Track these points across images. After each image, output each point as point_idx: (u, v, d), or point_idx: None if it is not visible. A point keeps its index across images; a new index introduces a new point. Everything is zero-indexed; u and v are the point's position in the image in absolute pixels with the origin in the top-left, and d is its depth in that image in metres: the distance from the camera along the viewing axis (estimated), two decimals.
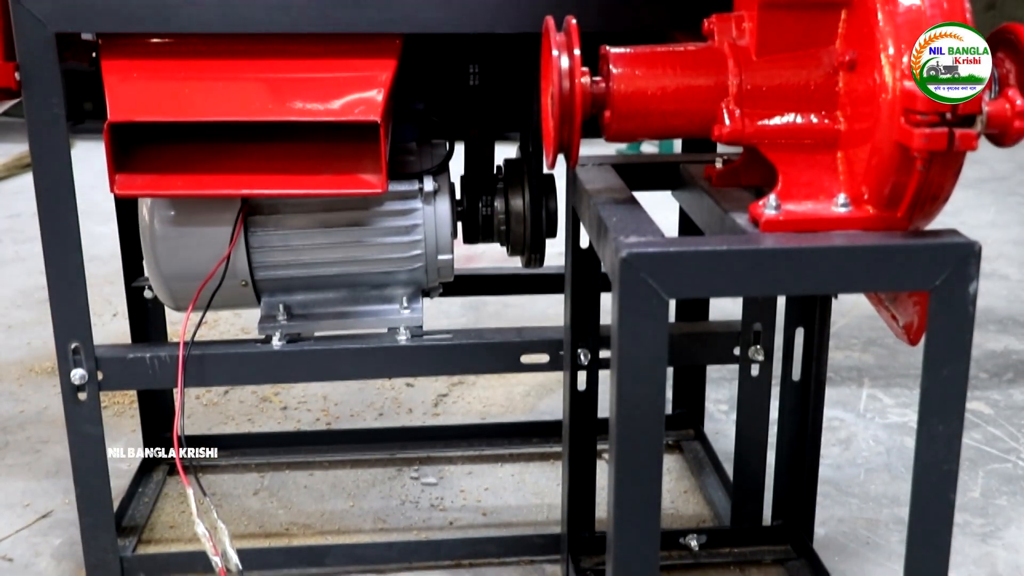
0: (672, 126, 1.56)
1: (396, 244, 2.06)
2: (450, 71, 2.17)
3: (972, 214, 5.05)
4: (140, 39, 1.87)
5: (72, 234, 1.89)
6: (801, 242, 1.40)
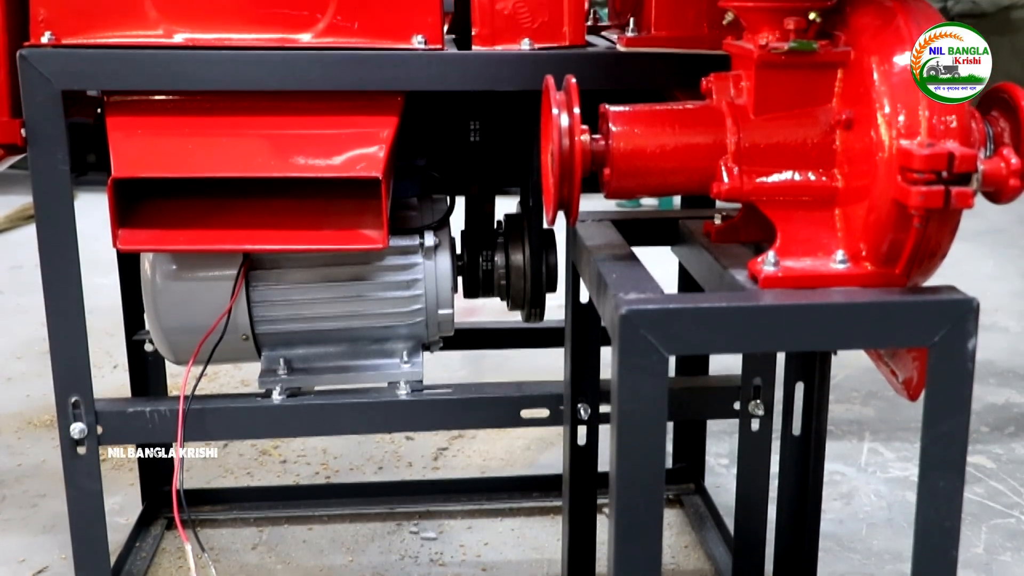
0: (671, 183, 1.57)
1: (397, 299, 2.07)
2: (451, 127, 2.20)
3: (971, 266, 5.06)
4: (145, 96, 1.89)
5: (74, 289, 1.90)
6: (800, 299, 1.41)
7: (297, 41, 1.84)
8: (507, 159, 2.22)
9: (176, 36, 1.82)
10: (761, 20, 1.52)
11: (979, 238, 5.49)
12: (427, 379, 2.09)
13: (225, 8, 1.84)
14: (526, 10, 1.89)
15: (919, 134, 1.37)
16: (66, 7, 1.80)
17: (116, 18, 1.82)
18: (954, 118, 1.38)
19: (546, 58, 1.86)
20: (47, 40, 1.80)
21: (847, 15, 1.51)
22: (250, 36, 1.84)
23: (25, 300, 4.64)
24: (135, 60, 1.81)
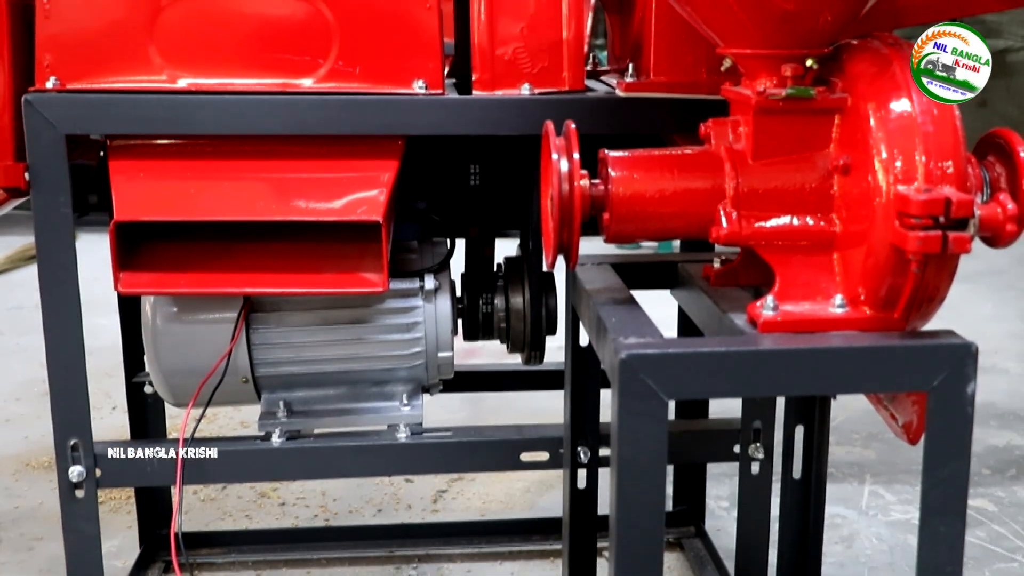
0: (670, 228, 1.58)
1: (397, 341, 2.07)
2: (451, 171, 2.21)
3: (970, 308, 5.06)
4: (147, 140, 1.90)
5: (75, 332, 1.90)
6: (799, 343, 1.41)
7: (299, 86, 1.86)
8: (507, 202, 2.24)
9: (180, 81, 1.84)
10: (759, 67, 1.54)
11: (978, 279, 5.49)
12: (427, 421, 2.09)
13: (228, 53, 1.86)
14: (526, 56, 1.92)
15: (916, 179, 1.38)
16: (72, 53, 1.83)
17: (121, 63, 1.84)
18: (951, 163, 1.39)
19: (546, 103, 1.88)
20: (52, 85, 1.81)
21: (843, 62, 1.52)
22: (253, 81, 1.86)
23: (25, 341, 4.64)
24: (139, 105, 1.82)
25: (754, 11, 1.48)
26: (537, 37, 1.91)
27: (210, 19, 1.86)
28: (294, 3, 1.87)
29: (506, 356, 2.48)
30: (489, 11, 1.90)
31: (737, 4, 1.48)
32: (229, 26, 1.86)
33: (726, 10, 1.51)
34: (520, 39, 1.91)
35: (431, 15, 1.88)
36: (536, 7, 1.92)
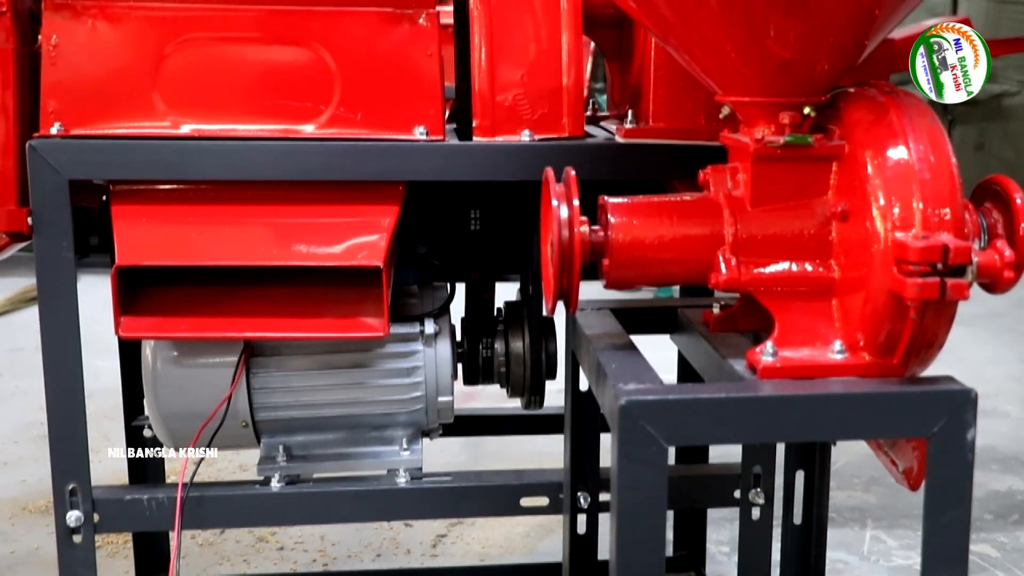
0: (670, 274, 1.59)
1: (397, 386, 2.07)
2: (452, 216, 2.22)
3: (969, 351, 5.06)
4: (149, 185, 1.91)
5: (75, 377, 1.90)
6: (798, 389, 1.42)
7: (301, 132, 1.88)
8: (507, 247, 2.25)
9: (183, 127, 1.86)
10: (757, 114, 1.56)
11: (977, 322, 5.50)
12: (426, 465, 2.09)
13: (231, 99, 1.88)
14: (526, 102, 1.93)
15: (914, 226, 1.39)
16: (76, 99, 1.84)
17: (125, 109, 1.85)
18: (948, 210, 1.40)
19: (546, 149, 1.89)
20: (56, 131, 1.83)
21: (841, 109, 1.54)
22: (255, 127, 1.87)
23: (24, 383, 4.64)
24: (142, 150, 1.84)
25: (752, 60, 1.50)
26: (537, 84, 1.93)
27: (213, 66, 1.88)
28: (296, 50, 1.89)
29: (506, 399, 2.48)
30: (490, 58, 1.92)
31: (735, 53, 1.50)
32: (232, 73, 1.88)
33: (724, 59, 1.52)
34: (520, 86, 1.93)
35: (432, 62, 1.90)
36: (536, 54, 1.93)
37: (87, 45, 1.85)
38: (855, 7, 1.44)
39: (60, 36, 1.84)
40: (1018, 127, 6.92)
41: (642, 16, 1.60)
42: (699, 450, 2.59)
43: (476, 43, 1.92)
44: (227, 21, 1.88)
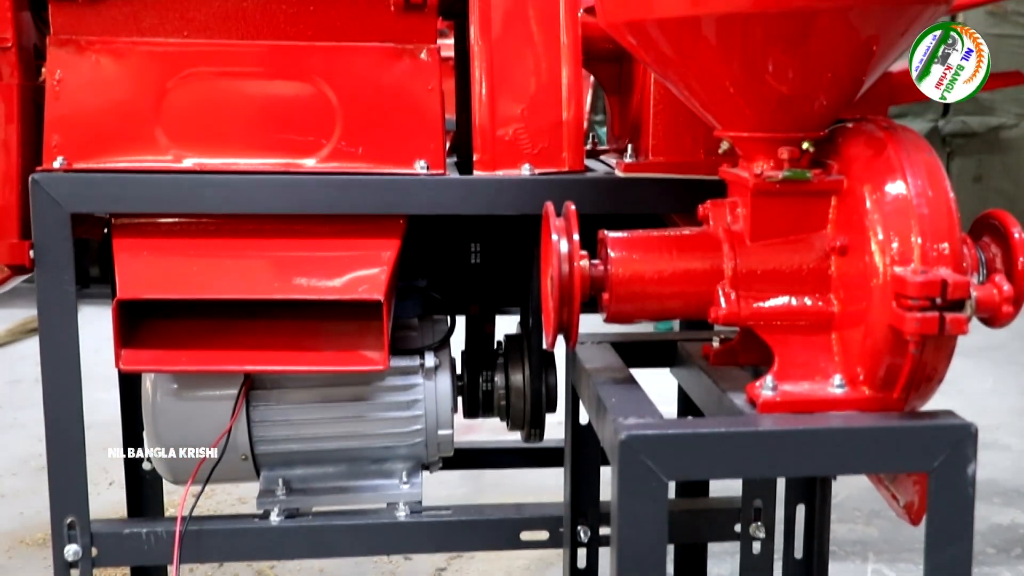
0: (669, 308, 1.59)
1: (397, 419, 2.07)
2: (452, 249, 2.23)
3: (970, 383, 5.06)
4: (151, 218, 1.92)
5: (75, 411, 1.90)
6: (798, 424, 1.42)
7: (302, 166, 1.89)
8: (507, 280, 2.25)
9: (185, 161, 1.87)
10: (756, 149, 1.57)
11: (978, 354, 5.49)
12: (426, 497, 2.08)
13: (233, 133, 1.89)
14: (526, 136, 1.94)
15: (912, 261, 1.39)
16: (79, 133, 1.85)
17: (128, 143, 1.87)
18: (946, 245, 1.40)
19: (546, 183, 1.90)
20: (59, 165, 1.84)
21: (839, 144, 1.55)
22: (257, 161, 1.89)
23: (23, 415, 4.63)
24: (145, 184, 1.85)
25: (751, 95, 1.51)
26: (537, 118, 1.94)
27: (215, 100, 1.89)
28: (298, 85, 1.90)
29: (506, 431, 2.47)
30: (490, 92, 1.93)
31: (734, 88, 1.51)
32: (234, 107, 1.90)
33: (723, 94, 1.54)
34: (521, 120, 1.94)
35: (433, 97, 1.92)
36: (536, 89, 1.95)
37: (90, 80, 1.87)
38: (853, 43, 1.45)
39: (64, 71, 1.86)
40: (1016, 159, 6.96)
41: (641, 52, 1.61)
42: (699, 484, 2.59)
43: (477, 77, 1.93)
44: (229, 56, 1.90)
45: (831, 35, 1.43)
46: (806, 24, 1.41)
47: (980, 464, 1.41)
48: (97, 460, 3.81)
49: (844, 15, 1.41)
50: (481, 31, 1.93)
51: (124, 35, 1.89)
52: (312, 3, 1.91)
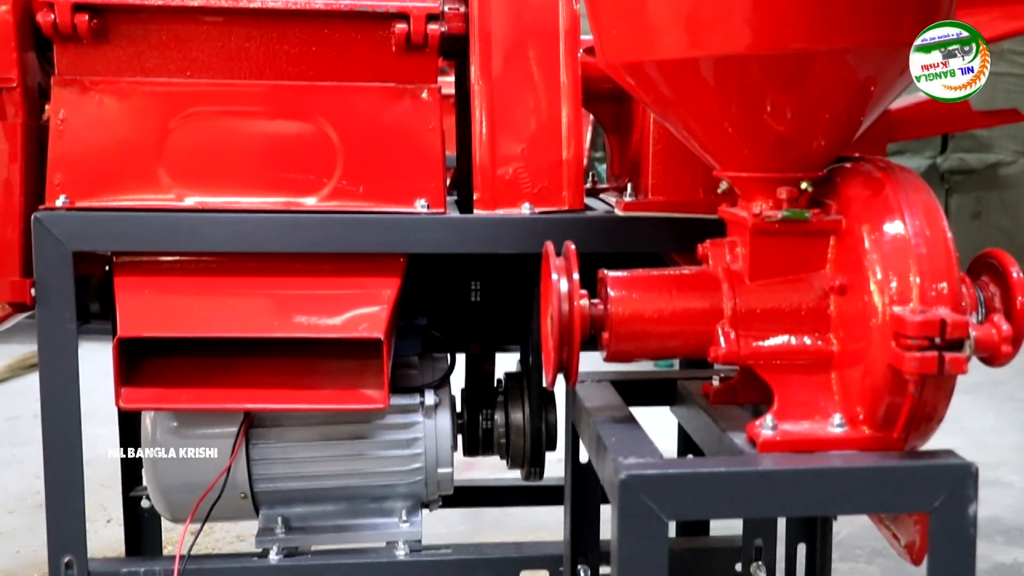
0: (669, 347, 1.60)
1: (396, 457, 2.07)
2: (452, 287, 2.24)
3: (971, 420, 5.04)
4: (152, 256, 1.93)
5: (74, 449, 1.90)
6: (798, 463, 1.42)
7: (302, 205, 1.90)
8: (507, 318, 2.26)
9: (187, 199, 1.88)
10: (755, 189, 1.57)
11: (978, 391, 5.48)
12: (425, 535, 2.08)
13: (235, 173, 1.90)
14: (526, 175, 1.96)
15: (911, 300, 1.40)
16: (82, 172, 1.87)
17: (130, 182, 1.88)
18: (945, 285, 1.41)
19: (546, 222, 1.91)
20: (61, 203, 1.85)
21: (837, 184, 1.56)
22: (258, 199, 1.90)
23: (20, 452, 4.61)
24: (147, 223, 1.86)
25: (749, 135, 1.52)
26: (537, 157, 1.95)
27: (217, 140, 1.91)
28: (300, 124, 1.92)
29: (506, 469, 2.47)
30: (490, 132, 1.95)
31: (733, 129, 1.53)
32: (236, 146, 1.91)
33: (722, 134, 1.55)
34: (521, 159, 1.95)
35: (433, 136, 1.93)
36: (536, 128, 1.96)
37: (94, 119, 1.89)
38: (851, 84, 1.46)
39: (68, 110, 1.88)
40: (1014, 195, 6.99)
41: (640, 93, 1.62)
42: (700, 522, 2.58)
43: (477, 117, 1.95)
44: (232, 96, 1.92)
45: (829, 76, 1.44)
46: (804, 66, 1.42)
47: (982, 502, 1.41)
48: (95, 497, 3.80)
49: (841, 57, 1.42)
50: (482, 71, 1.95)
51: (128, 75, 1.90)
52: (314, 43, 1.93)
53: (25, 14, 1.88)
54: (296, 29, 1.92)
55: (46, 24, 1.85)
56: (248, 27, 1.91)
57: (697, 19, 1.43)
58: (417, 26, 1.89)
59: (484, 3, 1.96)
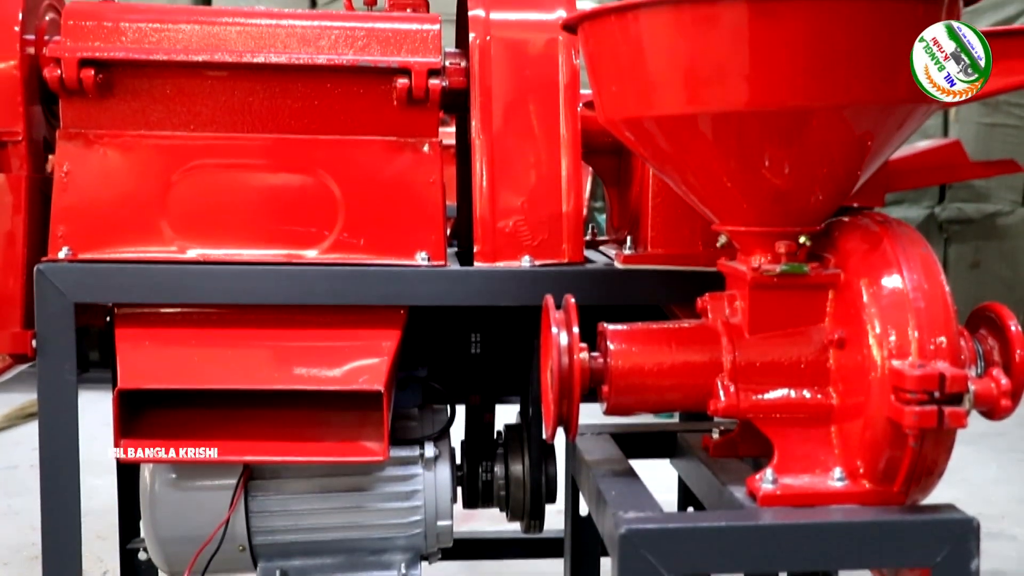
0: (669, 400, 1.60)
1: (396, 510, 2.06)
2: (453, 339, 2.24)
3: (974, 471, 5.02)
4: (154, 307, 1.93)
5: (72, 502, 1.89)
6: (799, 518, 1.41)
7: (304, 257, 1.91)
8: (507, 370, 2.26)
9: (189, 252, 1.89)
10: (753, 243, 1.59)
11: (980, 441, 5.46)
12: None
13: (237, 225, 1.91)
14: (527, 228, 1.97)
15: (910, 354, 1.40)
16: (85, 224, 1.88)
17: (133, 235, 1.89)
18: (943, 338, 1.41)
19: (546, 275, 1.92)
20: (64, 255, 1.86)
21: (836, 238, 1.57)
22: (259, 252, 1.91)
23: (17, 502, 4.58)
24: (149, 275, 1.86)
25: (748, 190, 1.54)
26: (537, 210, 1.96)
27: (220, 192, 1.92)
28: (302, 177, 1.93)
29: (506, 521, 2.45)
30: (491, 185, 1.96)
31: (731, 183, 1.54)
32: (238, 199, 1.92)
33: (721, 189, 1.56)
34: (521, 212, 1.97)
35: (434, 189, 1.94)
36: (536, 181, 1.98)
37: (98, 172, 1.90)
38: (848, 140, 1.48)
39: (72, 163, 1.89)
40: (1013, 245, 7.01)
41: (639, 147, 1.64)
42: None
43: (478, 170, 1.96)
44: (234, 149, 1.94)
45: (826, 132, 1.46)
46: (801, 122, 1.44)
47: (985, 555, 1.40)
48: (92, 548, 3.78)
49: (838, 113, 1.44)
50: (482, 125, 1.97)
51: (132, 128, 1.92)
52: (317, 98, 1.95)
53: (32, 69, 1.91)
54: (299, 84, 1.94)
55: (52, 79, 1.87)
56: (251, 81, 1.94)
57: (695, 76, 1.45)
58: (419, 81, 1.91)
59: (485, 58, 1.99)
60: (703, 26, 1.42)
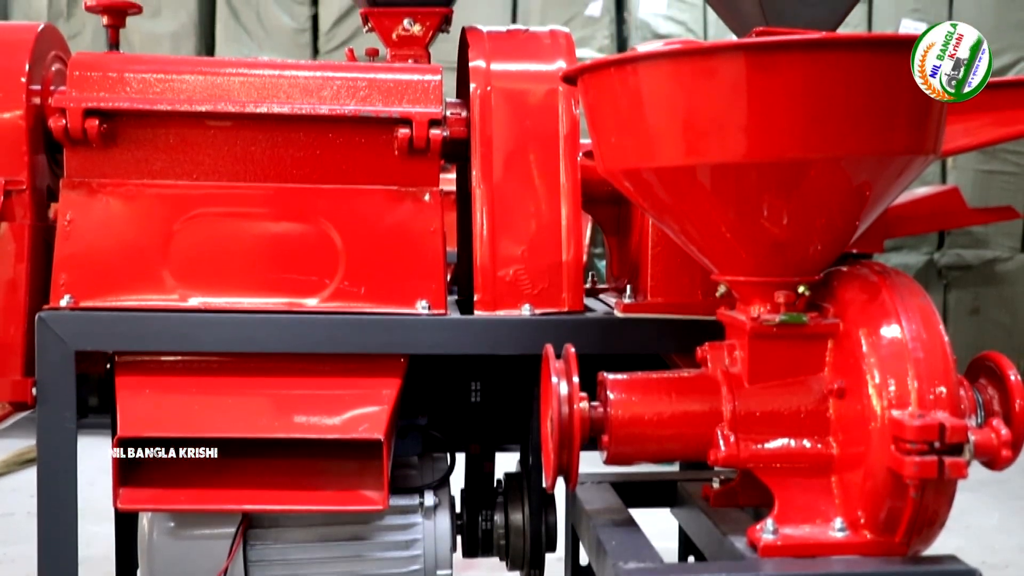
0: (669, 450, 1.60)
1: (395, 559, 2.04)
2: (453, 387, 2.24)
3: (976, 518, 4.99)
4: (154, 355, 1.94)
5: (70, 552, 1.88)
6: (800, 569, 1.41)
7: (304, 306, 1.92)
8: (507, 418, 2.25)
9: (190, 300, 1.90)
10: (753, 293, 1.59)
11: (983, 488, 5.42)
12: None
13: (238, 274, 1.92)
14: (527, 277, 1.97)
15: (909, 404, 1.40)
16: (87, 272, 1.89)
17: (134, 283, 1.90)
18: (943, 388, 1.42)
19: (546, 324, 1.92)
20: (66, 303, 1.87)
21: (834, 288, 1.58)
22: (260, 300, 1.91)
23: (13, 550, 4.54)
24: (150, 323, 1.87)
25: (747, 241, 1.55)
26: (537, 259, 1.97)
27: (221, 241, 1.93)
28: (303, 226, 1.94)
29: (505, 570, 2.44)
30: (491, 234, 1.97)
31: (730, 234, 1.55)
32: (240, 248, 1.93)
33: (720, 239, 1.57)
34: (521, 261, 1.97)
35: (435, 238, 1.95)
36: (537, 230, 1.99)
37: (100, 221, 1.92)
38: (846, 190, 1.49)
39: (75, 212, 1.90)
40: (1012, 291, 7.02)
41: (638, 198, 1.65)
42: None
43: (478, 220, 1.97)
44: (236, 198, 1.95)
45: (824, 183, 1.47)
46: (799, 173, 1.45)
47: None
48: None
49: (836, 164, 1.45)
50: (483, 174, 1.99)
51: (135, 177, 1.94)
52: (318, 147, 1.96)
53: (37, 119, 1.93)
54: (301, 133, 1.96)
55: (57, 129, 1.89)
56: (254, 131, 1.96)
57: (694, 128, 1.47)
58: (420, 131, 1.93)
59: (485, 108, 2.01)
60: (702, 79, 1.44)
